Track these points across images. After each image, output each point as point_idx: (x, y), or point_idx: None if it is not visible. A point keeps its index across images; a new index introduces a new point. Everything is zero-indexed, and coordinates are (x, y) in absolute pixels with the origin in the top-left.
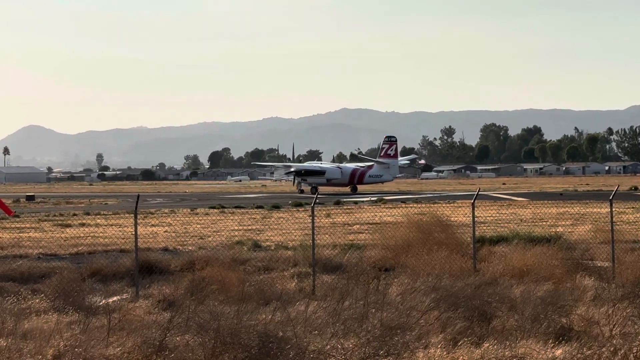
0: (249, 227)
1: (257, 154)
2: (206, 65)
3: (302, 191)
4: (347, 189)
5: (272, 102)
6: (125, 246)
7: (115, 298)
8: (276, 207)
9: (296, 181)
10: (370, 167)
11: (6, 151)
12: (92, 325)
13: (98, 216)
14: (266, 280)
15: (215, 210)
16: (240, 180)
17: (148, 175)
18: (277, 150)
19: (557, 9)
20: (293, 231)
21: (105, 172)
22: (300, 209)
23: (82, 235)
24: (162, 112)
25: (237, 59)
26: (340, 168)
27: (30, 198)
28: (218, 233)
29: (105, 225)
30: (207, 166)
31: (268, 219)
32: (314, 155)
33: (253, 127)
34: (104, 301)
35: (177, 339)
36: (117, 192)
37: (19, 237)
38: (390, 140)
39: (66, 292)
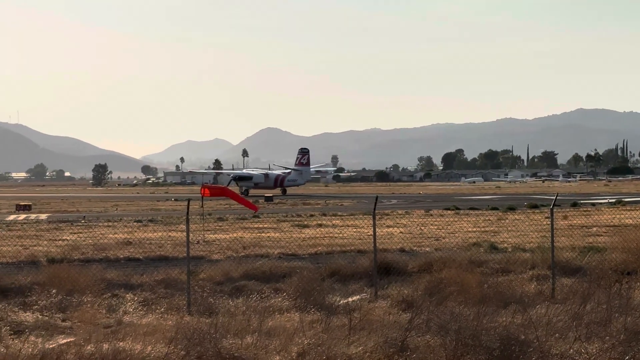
0: (484, 229)
1: (490, 156)
2: (441, 68)
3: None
4: (277, 191)
5: (506, 102)
6: (363, 247)
7: (354, 298)
8: (511, 208)
9: (232, 185)
10: (289, 173)
11: (245, 153)
12: (332, 325)
13: (335, 217)
14: (504, 283)
15: (450, 211)
16: (474, 182)
17: (382, 176)
18: (512, 151)
19: None
20: (529, 233)
21: (340, 174)
22: (536, 211)
23: (319, 235)
24: (396, 114)
25: (471, 59)
26: (266, 175)
27: (268, 199)
28: (453, 234)
29: (342, 226)
30: (441, 167)
31: (503, 221)
32: (549, 156)
33: (487, 128)
34: (343, 301)
35: (418, 339)
36: (353, 193)
37: (260, 237)
38: (303, 152)
39: (307, 291)
